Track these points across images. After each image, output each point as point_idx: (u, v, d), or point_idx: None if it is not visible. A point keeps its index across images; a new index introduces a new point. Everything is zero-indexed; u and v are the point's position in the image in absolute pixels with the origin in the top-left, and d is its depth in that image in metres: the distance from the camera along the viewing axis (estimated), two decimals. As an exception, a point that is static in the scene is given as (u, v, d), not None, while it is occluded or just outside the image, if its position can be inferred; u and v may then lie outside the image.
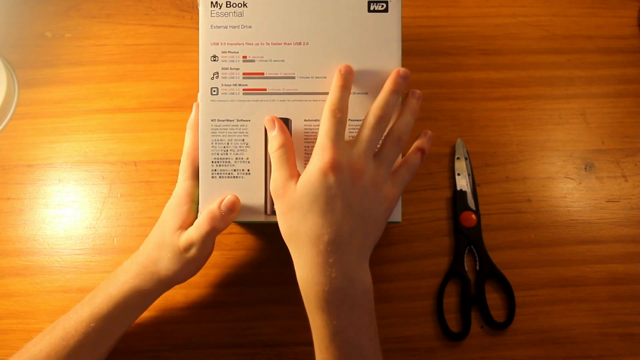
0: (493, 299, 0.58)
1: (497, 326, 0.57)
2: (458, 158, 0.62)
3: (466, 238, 0.59)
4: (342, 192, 0.43)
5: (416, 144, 0.51)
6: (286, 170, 0.45)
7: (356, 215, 0.44)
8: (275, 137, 0.47)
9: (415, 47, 0.67)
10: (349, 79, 0.48)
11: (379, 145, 0.47)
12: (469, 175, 0.62)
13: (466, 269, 0.59)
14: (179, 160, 0.52)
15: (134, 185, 0.62)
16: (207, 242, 0.48)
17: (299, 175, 0.45)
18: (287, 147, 0.46)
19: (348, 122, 0.49)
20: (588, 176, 0.63)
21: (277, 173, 0.46)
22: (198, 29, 0.50)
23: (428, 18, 0.69)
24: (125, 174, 0.63)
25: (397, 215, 0.50)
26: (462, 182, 0.61)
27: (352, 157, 0.44)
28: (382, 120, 0.46)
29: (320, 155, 0.44)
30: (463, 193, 0.61)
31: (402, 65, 0.50)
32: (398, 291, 0.59)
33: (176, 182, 0.51)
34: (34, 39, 0.68)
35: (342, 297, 0.42)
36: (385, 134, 0.48)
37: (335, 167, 0.43)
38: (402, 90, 0.48)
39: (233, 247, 0.60)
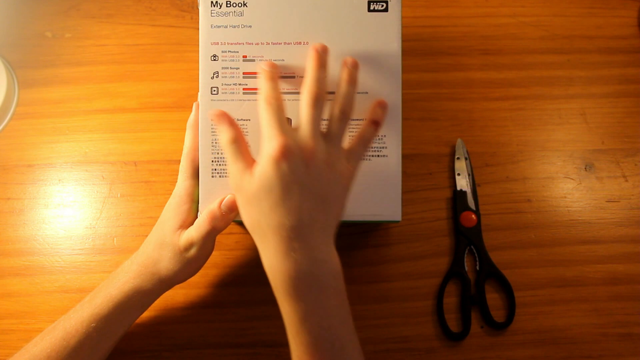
0: (493, 299, 0.58)
1: (497, 326, 0.57)
2: (458, 158, 0.62)
3: (466, 238, 0.59)
4: (296, 177, 0.42)
5: (369, 116, 0.49)
6: (241, 162, 0.45)
7: (314, 198, 0.43)
8: (225, 131, 0.46)
9: (415, 47, 0.67)
10: (272, 71, 0.47)
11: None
12: (469, 175, 0.62)
13: (466, 269, 0.59)
14: (179, 160, 0.52)
15: (134, 185, 0.62)
16: (208, 242, 0.48)
17: (253, 163, 0.45)
18: (239, 139, 0.46)
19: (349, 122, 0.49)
20: (588, 176, 0.63)
21: (233, 166, 0.45)
22: (198, 28, 0.49)
23: (428, 18, 0.69)
24: (125, 174, 0.63)
25: (397, 215, 0.50)
26: (462, 182, 0.61)
27: (300, 140, 0.43)
28: (317, 97, 0.45)
29: (269, 144, 0.43)
30: (463, 193, 0.61)
31: (402, 65, 0.50)
32: (398, 291, 0.59)
33: (176, 182, 0.51)
34: (34, 39, 0.68)
35: (309, 282, 0.42)
36: (330, 111, 0.47)
37: (285, 153, 0.42)
38: (326, 63, 0.47)
39: (233, 247, 0.60)
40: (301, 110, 0.45)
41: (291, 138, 0.43)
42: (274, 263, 0.43)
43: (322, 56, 0.47)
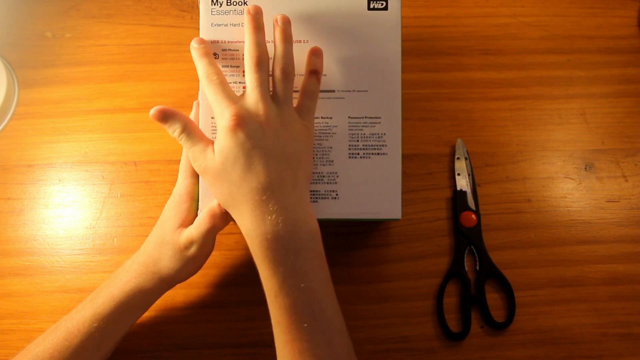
0: (493, 299, 0.58)
1: (497, 326, 0.57)
2: (458, 158, 0.62)
3: (466, 238, 0.59)
4: (256, 142, 0.43)
5: (307, 68, 0.49)
6: (198, 144, 0.45)
7: (278, 159, 0.43)
8: (172, 124, 0.46)
9: (415, 47, 0.67)
10: (203, 47, 0.47)
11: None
12: (469, 175, 0.62)
13: (466, 269, 0.59)
14: (179, 160, 0.52)
15: (134, 185, 0.62)
16: (208, 240, 0.48)
17: (212, 142, 0.45)
18: (188, 125, 0.46)
19: (349, 120, 0.50)
20: (588, 176, 0.63)
21: (192, 150, 0.45)
22: (198, 28, 0.49)
23: (428, 18, 0.69)
24: (125, 174, 0.63)
25: (397, 213, 0.50)
26: (462, 182, 0.61)
27: (251, 106, 0.44)
28: (258, 60, 0.45)
29: (222, 118, 0.43)
30: (463, 193, 0.61)
31: (402, 65, 0.50)
32: (398, 291, 0.59)
33: (176, 181, 0.51)
34: (34, 39, 0.68)
35: (286, 244, 0.42)
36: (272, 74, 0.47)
37: (240, 121, 0.42)
38: (262, 25, 0.47)
39: (233, 247, 0.59)
40: (246, 76, 0.45)
41: (241, 106, 0.43)
42: (251, 228, 0.43)
43: (257, 18, 0.47)
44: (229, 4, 0.49)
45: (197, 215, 0.50)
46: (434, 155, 0.63)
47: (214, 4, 0.49)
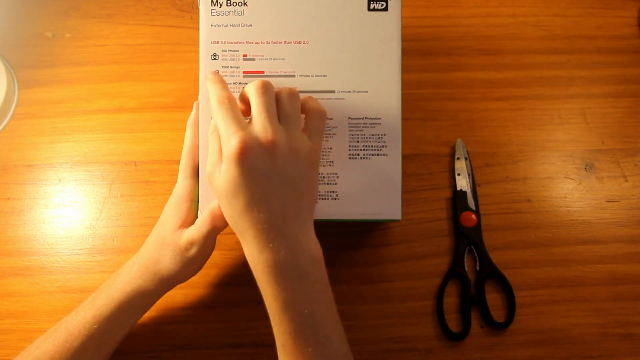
0: (493, 299, 0.58)
1: (497, 326, 0.57)
2: (458, 158, 0.62)
3: (466, 238, 0.59)
4: (262, 171, 0.42)
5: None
6: (215, 155, 0.45)
7: (284, 187, 0.43)
8: (212, 122, 0.46)
9: (415, 47, 0.67)
10: (217, 76, 0.47)
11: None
12: (469, 175, 0.62)
13: (466, 269, 0.59)
14: (179, 160, 0.52)
15: (134, 185, 0.62)
16: (208, 241, 0.48)
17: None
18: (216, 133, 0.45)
19: (349, 121, 0.50)
20: (588, 176, 0.63)
21: (209, 159, 0.45)
22: (198, 28, 0.49)
23: (428, 18, 0.69)
24: (125, 174, 0.63)
25: (397, 214, 0.50)
26: (462, 182, 0.61)
27: (259, 133, 0.42)
28: (264, 83, 0.44)
29: (228, 144, 0.42)
30: (463, 193, 0.61)
31: (402, 65, 0.50)
32: (398, 291, 0.59)
33: (176, 181, 0.51)
34: (34, 39, 0.68)
35: (288, 270, 0.42)
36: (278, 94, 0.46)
37: (246, 150, 0.41)
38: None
39: (233, 247, 0.59)
40: (251, 101, 0.44)
41: (249, 133, 0.42)
42: (253, 253, 0.43)
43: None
44: (228, 4, 0.49)
45: (197, 216, 0.50)
46: (434, 155, 0.63)
47: (214, 5, 0.49)
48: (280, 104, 0.45)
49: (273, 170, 0.42)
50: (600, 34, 0.68)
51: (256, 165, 0.42)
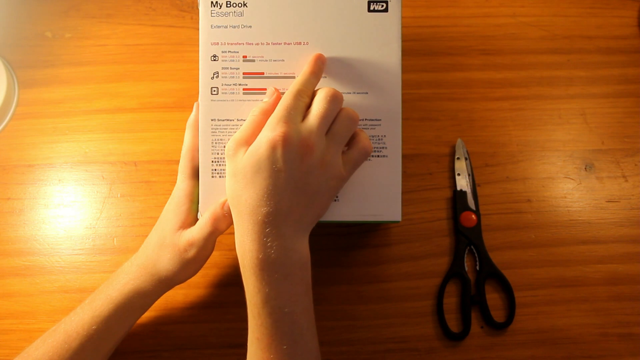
0: (493, 299, 0.58)
1: (497, 326, 0.57)
2: (458, 158, 0.62)
3: (466, 238, 0.59)
4: (287, 168, 0.42)
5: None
6: (247, 133, 0.45)
7: (299, 191, 0.43)
8: (264, 103, 0.46)
9: (415, 47, 0.67)
10: (321, 67, 0.48)
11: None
12: (469, 175, 0.62)
13: (466, 269, 0.59)
14: (179, 160, 0.52)
15: (134, 185, 0.62)
16: (208, 243, 0.48)
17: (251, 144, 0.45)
18: (265, 115, 0.45)
19: None
20: (588, 176, 0.63)
21: (238, 134, 0.45)
22: (198, 29, 0.49)
23: (428, 18, 0.68)
24: (125, 174, 0.63)
25: (397, 215, 0.50)
26: (462, 182, 0.61)
27: (303, 133, 0.43)
28: (334, 93, 0.45)
29: (273, 127, 0.43)
30: (463, 193, 0.61)
31: (402, 65, 0.50)
32: (398, 291, 0.59)
33: (176, 182, 0.51)
34: (34, 39, 0.68)
35: (276, 267, 0.42)
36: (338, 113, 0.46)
37: (285, 142, 0.42)
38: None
39: (233, 247, 0.59)
40: (315, 102, 0.45)
41: (295, 129, 0.43)
42: (244, 241, 0.43)
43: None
44: (228, 5, 0.49)
45: (196, 218, 0.50)
46: (434, 155, 0.63)
47: (214, 6, 0.49)
48: (337, 120, 0.46)
49: (297, 172, 0.43)
50: (600, 34, 0.68)
51: (285, 160, 0.42)
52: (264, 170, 0.42)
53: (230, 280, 0.59)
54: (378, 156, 0.50)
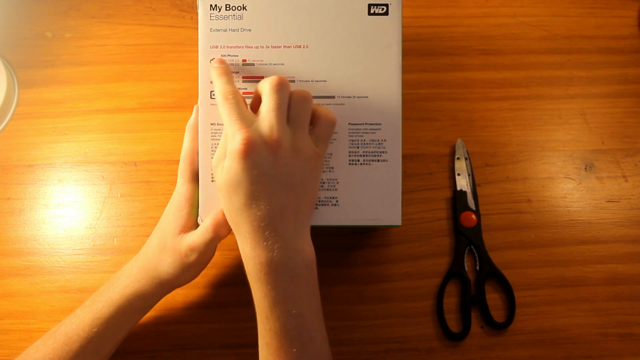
0: (493, 299, 0.58)
1: (497, 326, 0.57)
2: (458, 158, 0.62)
3: (466, 238, 0.59)
4: (263, 169, 0.42)
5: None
6: (223, 148, 0.44)
7: (283, 187, 0.43)
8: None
9: (415, 47, 0.67)
10: (222, 67, 0.47)
11: None
12: (469, 175, 0.62)
13: (466, 269, 0.59)
14: (179, 161, 0.52)
15: (134, 185, 0.62)
16: (209, 249, 0.48)
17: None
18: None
19: (349, 126, 0.49)
20: (588, 176, 0.63)
21: (217, 150, 0.45)
22: (198, 29, 0.49)
23: (428, 18, 0.68)
24: (125, 174, 0.63)
25: (397, 220, 0.50)
26: (462, 182, 0.61)
27: (264, 130, 0.42)
28: (281, 81, 0.44)
29: (232, 138, 0.42)
30: (463, 193, 0.61)
31: (402, 66, 0.49)
32: (398, 291, 0.59)
33: (176, 182, 0.51)
34: (34, 39, 0.68)
35: (280, 269, 0.42)
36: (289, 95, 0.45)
37: (250, 148, 0.41)
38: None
39: (233, 247, 0.59)
40: (264, 97, 0.44)
41: (254, 130, 0.42)
42: (246, 248, 0.43)
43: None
44: (228, 9, 0.49)
45: (197, 222, 0.50)
46: (434, 155, 0.63)
47: (213, 9, 0.49)
48: (291, 105, 0.45)
49: (275, 169, 0.42)
50: (600, 34, 0.68)
51: (258, 163, 0.42)
52: (244, 180, 0.42)
53: (230, 280, 0.59)
54: (378, 160, 0.50)
